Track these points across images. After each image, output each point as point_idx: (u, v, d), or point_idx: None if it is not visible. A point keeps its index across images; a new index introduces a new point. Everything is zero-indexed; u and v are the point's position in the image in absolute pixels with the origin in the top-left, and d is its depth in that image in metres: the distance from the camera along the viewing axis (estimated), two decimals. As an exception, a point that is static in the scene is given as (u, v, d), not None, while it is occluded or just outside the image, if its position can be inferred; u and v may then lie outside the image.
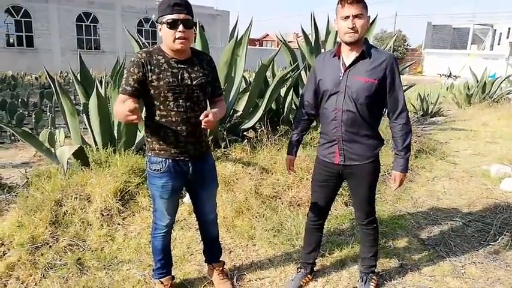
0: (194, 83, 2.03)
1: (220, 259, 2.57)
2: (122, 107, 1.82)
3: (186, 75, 2.01)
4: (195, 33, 2.06)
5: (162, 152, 2.08)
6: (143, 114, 2.17)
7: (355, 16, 2.02)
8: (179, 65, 2.01)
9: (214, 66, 2.19)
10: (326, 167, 2.34)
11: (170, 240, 2.40)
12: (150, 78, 1.96)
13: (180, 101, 2.00)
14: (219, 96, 2.25)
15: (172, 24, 1.91)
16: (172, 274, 2.47)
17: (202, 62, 2.10)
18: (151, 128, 2.08)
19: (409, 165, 4.90)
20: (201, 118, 1.88)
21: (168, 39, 1.95)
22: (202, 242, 2.55)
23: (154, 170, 2.11)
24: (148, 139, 2.12)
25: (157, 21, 2.00)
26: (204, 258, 2.58)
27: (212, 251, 2.53)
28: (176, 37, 1.92)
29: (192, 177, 2.17)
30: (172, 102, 1.99)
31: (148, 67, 1.96)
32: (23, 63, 20.42)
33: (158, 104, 2.00)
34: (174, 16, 1.90)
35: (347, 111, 2.15)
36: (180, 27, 1.91)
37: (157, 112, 2.02)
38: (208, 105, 2.22)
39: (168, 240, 2.36)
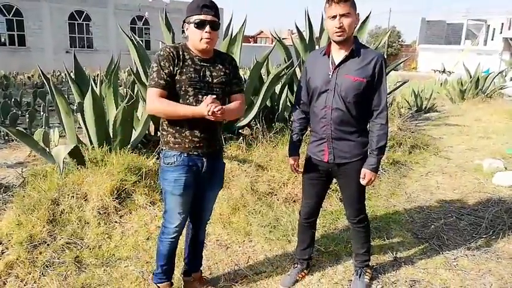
0: (215, 81, 2.08)
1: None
2: (169, 105, 1.97)
3: (207, 73, 2.06)
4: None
5: (177, 145, 2.08)
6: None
7: (342, 15, 2.04)
8: (202, 63, 2.06)
9: (235, 64, 2.24)
10: (316, 164, 2.35)
11: (177, 247, 2.31)
12: (174, 72, 2.01)
13: (200, 96, 2.03)
14: (236, 93, 2.20)
15: (200, 25, 1.97)
16: (172, 281, 2.39)
17: (224, 61, 2.15)
18: (169, 120, 2.09)
19: (403, 161, 5.06)
20: (212, 108, 1.89)
21: (194, 39, 2.00)
22: (185, 252, 2.48)
23: (168, 163, 2.10)
24: (164, 132, 2.12)
25: (184, 21, 2.05)
26: (182, 270, 2.51)
27: (196, 257, 2.49)
28: (203, 37, 1.98)
29: (205, 174, 2.16)
30: (192, 97, 2.03)
31: (176, 61, 2.01)
32: (15, 62, 20.16)
33: (178, 97, 2.03)
34: (202, 17, 1.96)
35: (336, 109, 2.18)
36: (207, 28, 1.97)
37: None
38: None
39: (174, 247, 2.28)
